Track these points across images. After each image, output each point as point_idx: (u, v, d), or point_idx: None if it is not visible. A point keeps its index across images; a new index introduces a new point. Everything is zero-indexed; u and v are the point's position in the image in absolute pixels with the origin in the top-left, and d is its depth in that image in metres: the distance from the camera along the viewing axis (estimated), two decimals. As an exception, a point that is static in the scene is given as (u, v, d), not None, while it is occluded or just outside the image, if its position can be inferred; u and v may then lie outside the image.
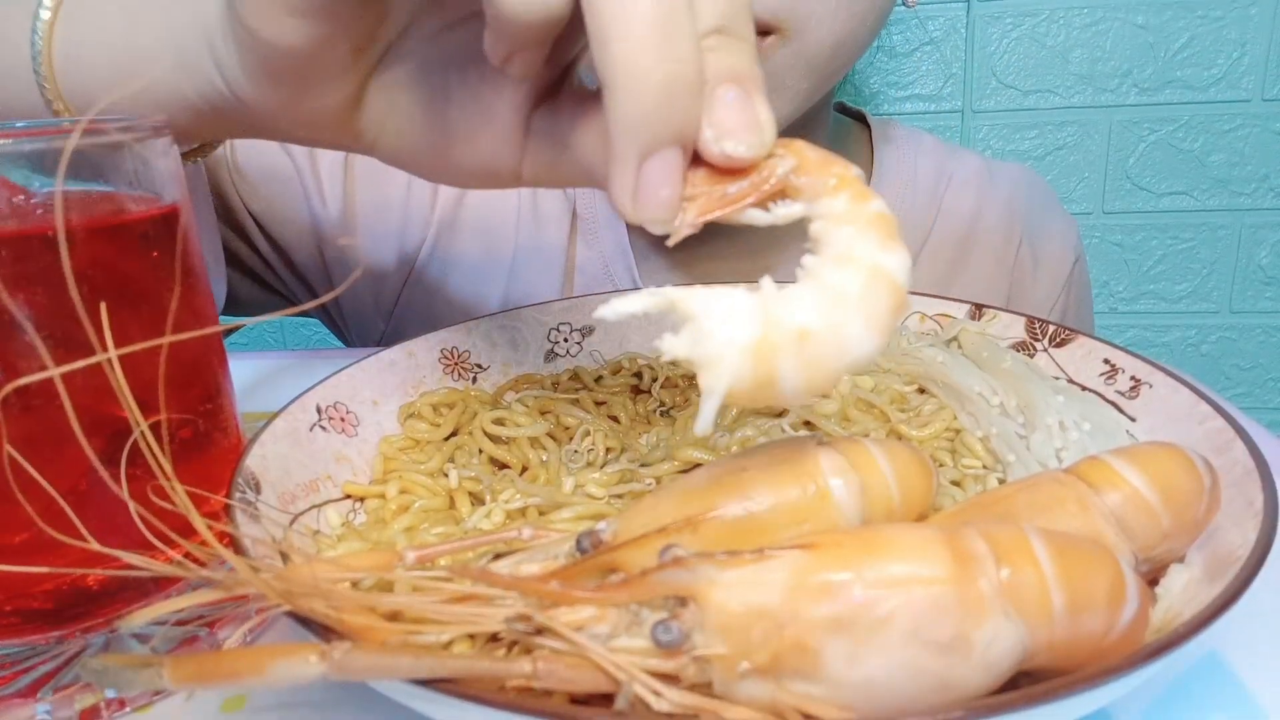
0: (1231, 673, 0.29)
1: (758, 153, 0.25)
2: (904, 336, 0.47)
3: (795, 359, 0.23)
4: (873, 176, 0.70)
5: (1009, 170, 0.74)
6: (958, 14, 1.12)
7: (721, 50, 0.25)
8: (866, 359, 0.24)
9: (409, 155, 0.37)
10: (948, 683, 0.21)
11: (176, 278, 0.30)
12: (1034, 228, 0.72)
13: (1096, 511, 0.27)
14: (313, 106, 0.34)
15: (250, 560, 0.24)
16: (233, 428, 0.34)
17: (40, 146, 0.27)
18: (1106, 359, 0.41)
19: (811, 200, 0.25)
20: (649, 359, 0.48)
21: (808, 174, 0.25)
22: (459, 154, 0.35)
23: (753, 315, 0.23)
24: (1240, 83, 1.11)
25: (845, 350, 0.23)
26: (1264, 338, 1.24)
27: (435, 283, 0.69)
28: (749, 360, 0.23)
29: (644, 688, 0.21)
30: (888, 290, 0.24)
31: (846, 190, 0.25)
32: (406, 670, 0.20)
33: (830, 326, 0.23)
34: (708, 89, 0.25)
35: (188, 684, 0.20)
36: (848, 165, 0.26)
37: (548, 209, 0.68)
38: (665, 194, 0.25)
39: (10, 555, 0.27)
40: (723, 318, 0.23)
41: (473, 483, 0.37)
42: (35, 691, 0.29)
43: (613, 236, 0.67)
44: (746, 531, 0.26)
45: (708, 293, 0.23)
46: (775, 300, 0.23)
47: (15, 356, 0.26)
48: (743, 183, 0.25)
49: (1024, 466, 0.36)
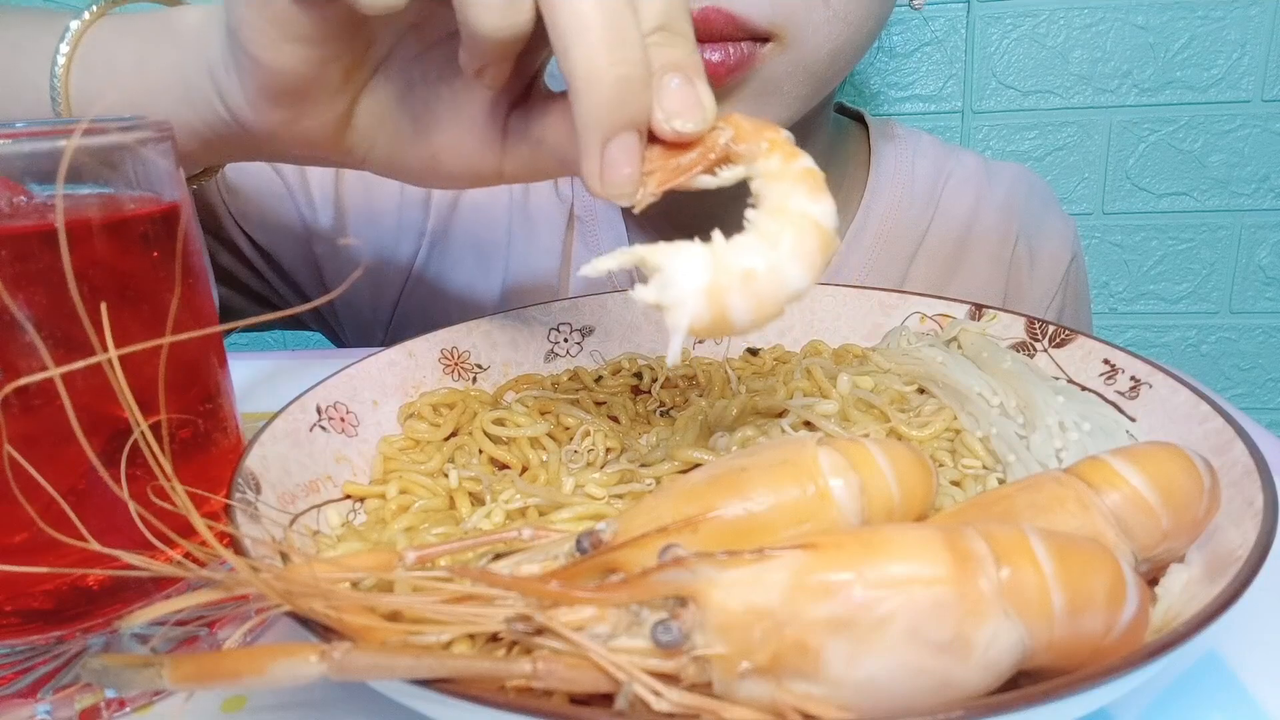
0: (1231, 673, 0.29)
1: (702, 128, 0.29)
2: (904, 336, 0.47)
3: (742, 296, 0.27)
4: (870, 176, 0.70)
5: (1007, 170, 0.74)
6: (958, 14, 1.12)
7: (665, 45, 0.29)
8: (802, 292, 0.28)
9: (400, 164, 0.40)
10: (948, 683, 0.21)
11: (176, 278, 0.30)
12: (1031, 227, 0.72)
13: (1096, 511, 0.27)
14: (308, 126, 0.38)
15: (250, 560, 0.24)
16: (233, 428, 0.34)
17: (40, 147, 0.27)
18: (1106, 359, 0.41)
19: (750, 163, 0.30)
20: (649, 359, 0.48)
21: (745, 141, 0.30)
22: (446, 159, 0.39)
23: (706, 263, 0.27)
24: (1240, 83, 1.11)
25: (784, 286, 0.28)
26: (1264, 338, 1.24)
27: (431, 290, 0.69)
28: (705, 300, 0.27)
29: (644, 688, 0.21)
30: (816, 234, 0.28)
31: (778, 152, 0.29)
32: (406, 670, 0.20)
33: (770, 268, 0.27)
34: (655, 78, 0.29)
35: (188, 684, 0.20)
36: (778, 130, 0.30)
37: (540, 212, 0.68)
38: (627, 172, 0.29)
39: (10, 555, 0.27)
40: (682, 267, 0.27)
41: (473, 483, 0.37)
42: (35, 691, 0.29)
43: (611, 235, 0.67)
44: (746, 531, 0.26)
45: (669, 247, 0.28)
46: (724, 249, 0.28)
47: (15, 356, 0.26)
48: (692, 154, 0.30)
49: (1024, 466, 0.36)
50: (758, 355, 0.50)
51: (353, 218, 0.66)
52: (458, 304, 0.69)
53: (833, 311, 0.51)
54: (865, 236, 0.69)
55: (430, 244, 0.68)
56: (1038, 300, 0.72)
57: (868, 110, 0.75)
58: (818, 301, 0.52)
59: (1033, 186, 0.74)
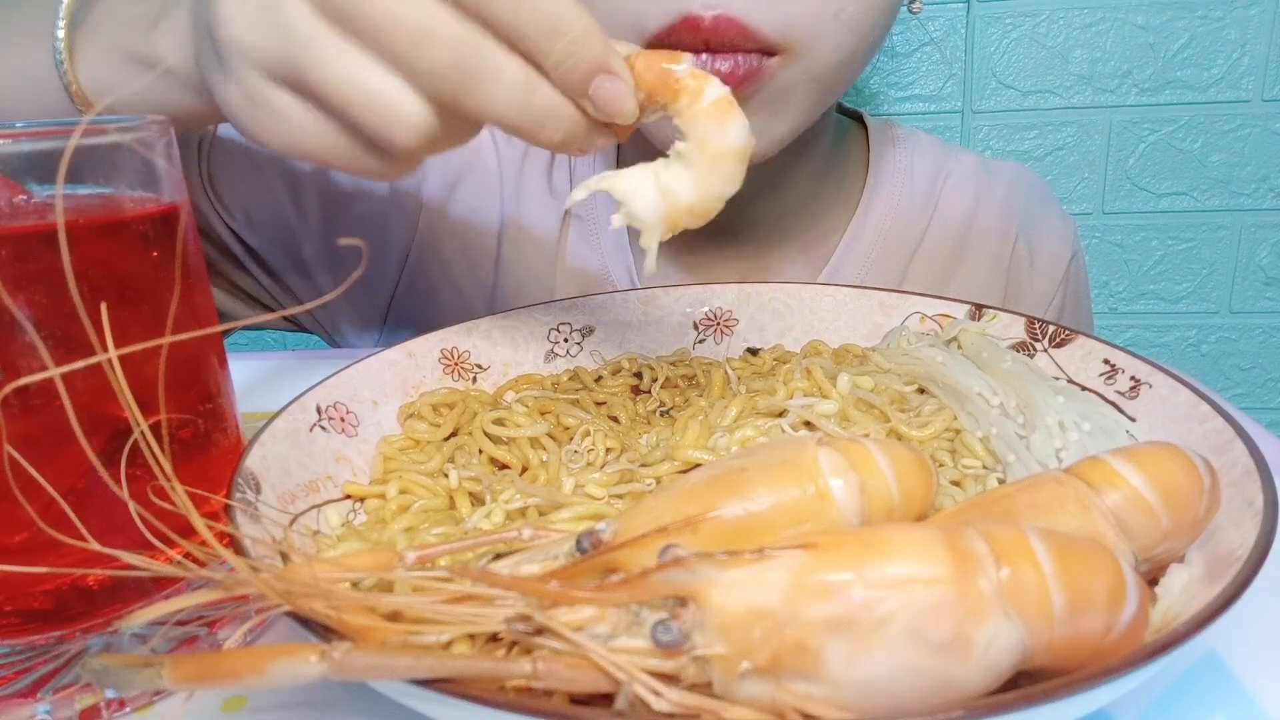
0: (1231, 673, 0.29)
1: (632, 110, 0.34)
2: (904, 336, 0.47)
3: (689, 216, 0.36)
4: (869, 176, 0.70)
5: (1006, 169, 0.74)
6: (958, 14, 1.12)
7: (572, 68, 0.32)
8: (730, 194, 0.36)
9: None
10: (948, 682, 0.21)
11: (176, 278, 0.30)
12: (1030, 225, 0.72)
13: (1096, 511, 0.27)
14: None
15: (250, 560, 0.24)
16: (233, 428, 0.34)
17: (40, 147, 0.27)
18: (1106, 359, 0.41)
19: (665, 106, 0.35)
20: (649, 359, 0.48)
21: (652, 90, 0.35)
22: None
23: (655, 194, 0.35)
24: (1240, 83, 1.11)
25: (717, 196, 0.36)
26: (1264, 338, 1.24)
27: (423, 293, 0.69)
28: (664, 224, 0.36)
29: (644, 688, 0.21)
30: (732, 158, 0.35)
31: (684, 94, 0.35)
32: (406, 670, 0.20)
33: (703, 197, 0.35)
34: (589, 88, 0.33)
35: (188, 684, 0.20)
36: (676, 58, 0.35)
37: (532, 219, 0.68)
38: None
39: (10, 555, 0.27)
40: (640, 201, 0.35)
41: (473, 483, 0.37)
42: (35, 691, 0.29)
43: (613, 236, 0.67)
44: (746, 531, 0.26)
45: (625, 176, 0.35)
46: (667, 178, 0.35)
47: (15, 356, 0.26)
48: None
49: (1024, 466, 0.36)
50: (758, 355, 0.50)
51: (342, 221, 0.66)
52: (450, 306, 0.69)
53: (833, 311, 0.51)
54: (864, 235, 0.69)
55: (419, 247, 0.68)
56: (1038, 299, 0.72)
57: (867, 110, 0.75)
58: (818, 301, 0.52)
59: (1032, 185, 0.74)
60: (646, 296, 0.52)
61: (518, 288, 0.68)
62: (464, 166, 0.68)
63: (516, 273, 0.68)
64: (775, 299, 0.52)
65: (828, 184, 0.69)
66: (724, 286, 0.53)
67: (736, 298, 0.53)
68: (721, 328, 0.52)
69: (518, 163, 0.69)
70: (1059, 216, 0.74)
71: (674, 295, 0.52)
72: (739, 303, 0.53)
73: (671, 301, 0.52)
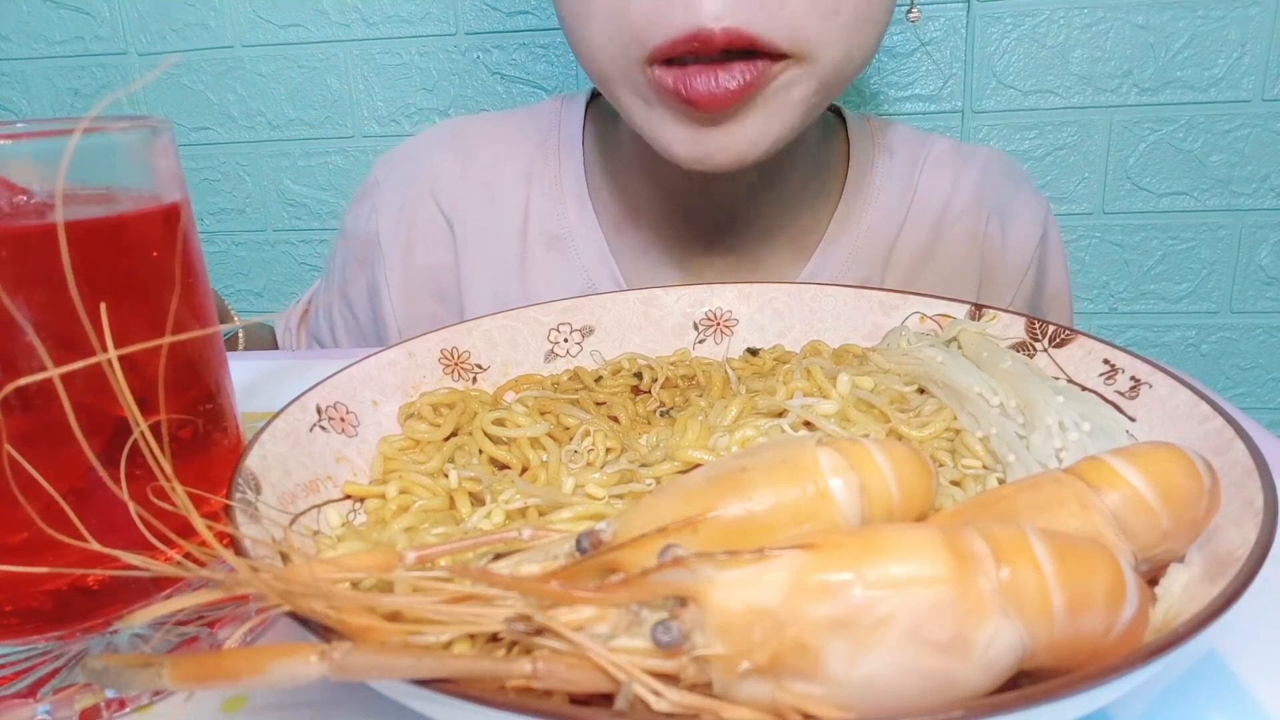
0: (1231, 673, 0.29)
1: None
2: (904, 336, 0.47)
3: None
4: (851, 168, 0.72)
5: (980, 152, 0.76)
6: (958, 14, 1.12)
7: None
8: None
9: None
10: (948, 682, 0.21)
11: (176, 278, 0.30)
12: (1001, 205, 0.74)
13: (1096, 511, 0.27)
14: None
15: (250, 560, 0.24)
16: (233, 428, 0.34)
17: (40, 146, 0.27)
18: (1106, 359, 0.41)
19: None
20: (649, 359, 0.48)
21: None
22: None
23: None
24: (1240, 83, 1.11)
25: None
26: (1264, 338, 1.24)
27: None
28: None
29: (644, 688, 0.21)
30: None
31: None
32: (406, 670, 0.20)
33: None
34: None
35: (188, 684, 0.20)
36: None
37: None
38: None
39: (10, 555, 0.27)
40: None
41: (473, 483, 0.37)
42: (35, 692, 0.29)
43: (594, 250, 0.69)
44: (746, 531, 0.26)
45: None
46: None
47: (15, 356, 0.26)
48: None
49: (1024, 466, 0.36)
50: (758, 355, 0.50)
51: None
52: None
53: (833, 311, 0.51)
54: (849, 225, 0.71)
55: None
56: (1010, 276, 0.74)
57: (868, 110, 0.76)
58: (818, 301, 0.52)
59: (1004, 167, 0.76)
60: (646, 296, 0.52)
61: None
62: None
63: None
64: (775, 299, 0.52)
65: (814, 179, 0.70)
66: (724, 286, 0.53)
67: (736, 298, 0.53)
68: (721, 328, 0.52)
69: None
70: (1030, 195, 0.76)
71: (674, 295, 0.52)
72: (739, 303, 0.53)
73: (671, 301, 0.52)
